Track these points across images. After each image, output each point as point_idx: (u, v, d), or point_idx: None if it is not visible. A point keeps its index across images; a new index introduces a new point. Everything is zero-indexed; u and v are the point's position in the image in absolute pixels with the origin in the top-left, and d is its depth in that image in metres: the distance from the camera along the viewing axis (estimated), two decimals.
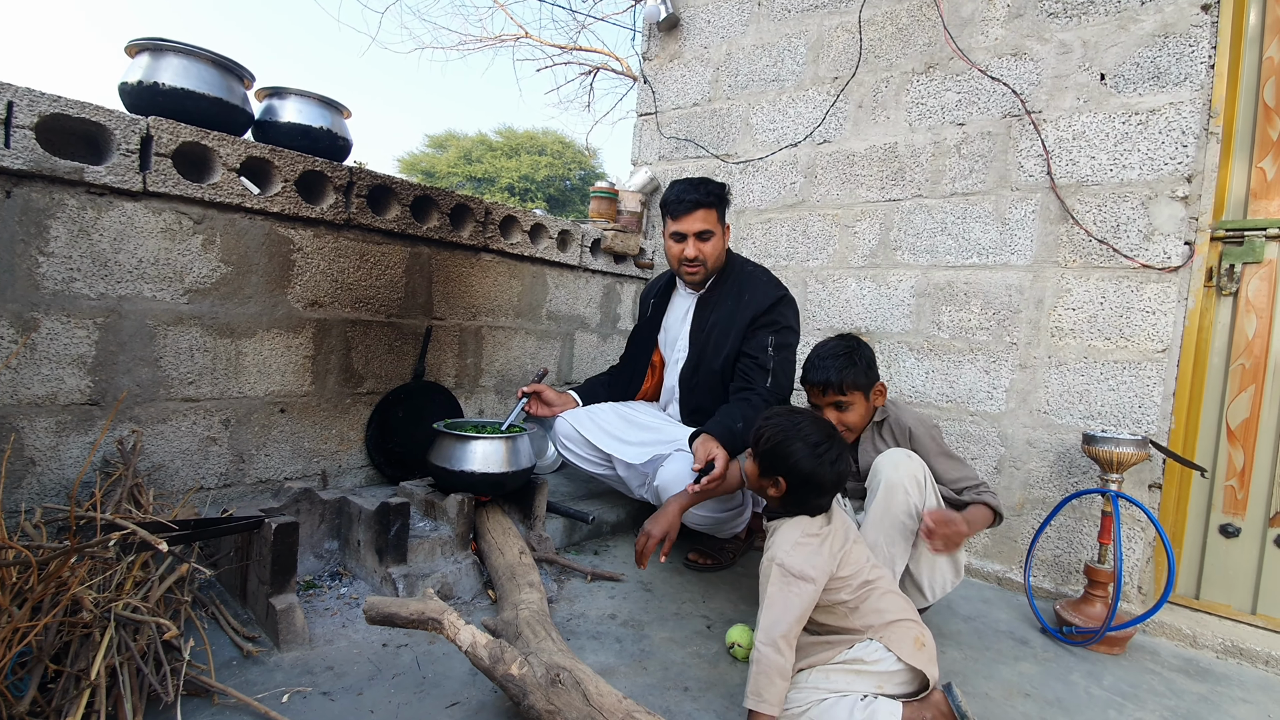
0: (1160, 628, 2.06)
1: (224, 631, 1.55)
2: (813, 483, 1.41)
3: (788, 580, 1.34)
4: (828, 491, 1.43)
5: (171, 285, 1.83)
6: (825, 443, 1.43)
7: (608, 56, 9.01)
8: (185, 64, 1.86)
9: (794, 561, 1.35)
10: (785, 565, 1.35)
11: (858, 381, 1.77)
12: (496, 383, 2.74)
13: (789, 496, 1.45)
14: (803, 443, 1.42)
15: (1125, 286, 2.18)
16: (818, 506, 1.44)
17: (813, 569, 1.35)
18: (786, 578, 1.34)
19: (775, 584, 1.34)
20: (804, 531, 1.41)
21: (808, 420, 1.48)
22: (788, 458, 1.42)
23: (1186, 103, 2.10)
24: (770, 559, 1.38)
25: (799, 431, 1.44)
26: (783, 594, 1.33)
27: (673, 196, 2.16)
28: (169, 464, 1.87)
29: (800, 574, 1.34)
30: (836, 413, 1.79)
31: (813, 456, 1.40)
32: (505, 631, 1.49)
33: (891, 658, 1.36)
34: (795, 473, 1.42)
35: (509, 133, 20.33)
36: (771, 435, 1.46)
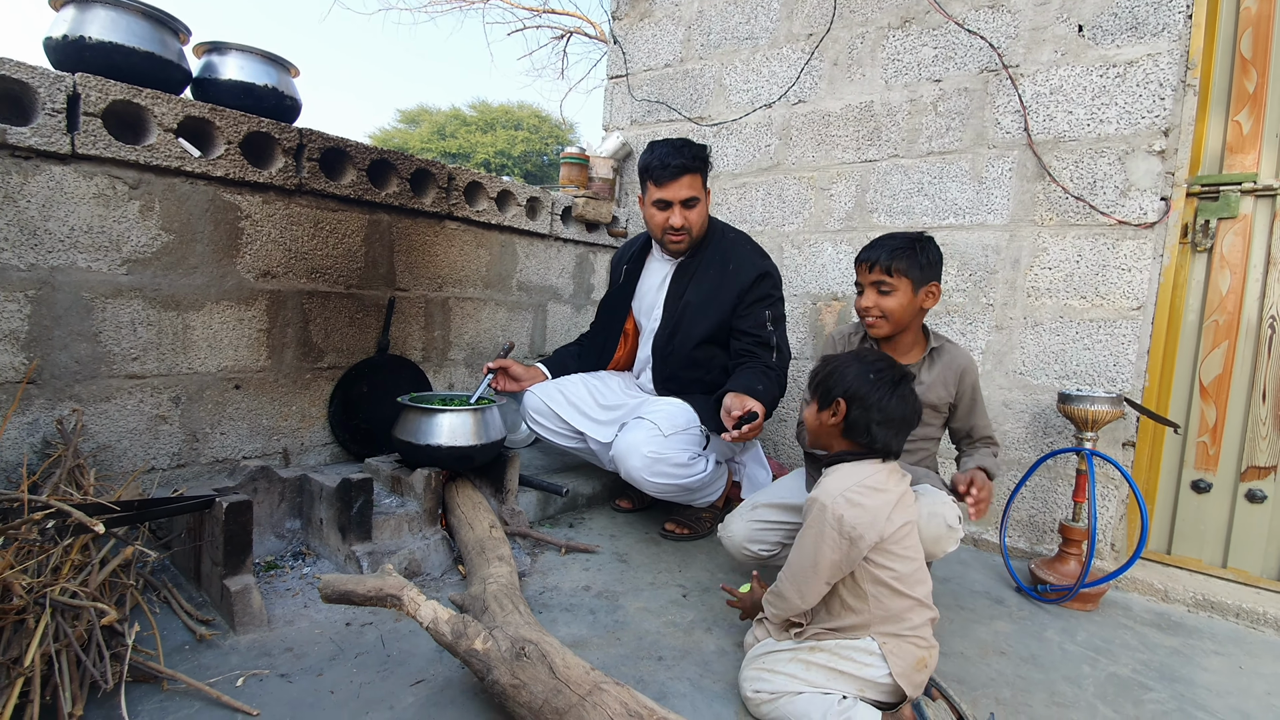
0: (1133, 583, 2.08)
1: (177, 615, 1.48)
2: (874, 403, 1.29)
3: (824, 526, 1.21)
4: (891, 422, 1.29)
5: (108, 255, 1.72)
6: (886, 369, 1.33)
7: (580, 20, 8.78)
8: (114, 16, 1.73)
9: (841, 507, 1.21)
10: (828, 507, 1.22)
11: (909, 269, 1.65)
12: (466, 355, 2.66)
13: (849, 424, 1.32)
14: (859, 364, 1.34)
15: (1101, 244, 2.15)
16: (883, 444, 1.30)
17: (860, 524, 1.21)
18: (825, 522, 1.22)
19: (813, 526, 1.24)
20: (863, 480, 1.27)
21: (870, 352, 1.43)
22: (842, 379, 1.33)
23: (1164, 54, 2.06)
24: (814, 497, 1.26)
25: (858, 358, 1.37)
26: (817, 541, 1.22)
27: (655, 161, 2.04)
28: (116, 444, 1.78)
29: (840, 524, 1.21)
30: (876, 295, 1.67)
31: (871, 374, 1.32)
32: (472, 606, 1.44)
33: (884, 669, 1.23)
34: (853, 392, 1.31)
35: (483, 106, 19.87)
36: (828, 362, 1.41)
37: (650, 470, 1.96)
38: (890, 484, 1.29)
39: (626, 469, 1.99)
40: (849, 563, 1.24)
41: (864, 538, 1.21)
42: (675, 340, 2.17)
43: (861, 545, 1.21)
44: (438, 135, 18.98)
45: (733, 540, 1.72)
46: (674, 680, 1.40)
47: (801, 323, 2.78)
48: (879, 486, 1.27)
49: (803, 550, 1.25)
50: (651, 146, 2.11)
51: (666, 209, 2.08)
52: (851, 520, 1.21)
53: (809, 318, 2.76)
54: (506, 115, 19.45)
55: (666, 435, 1.99)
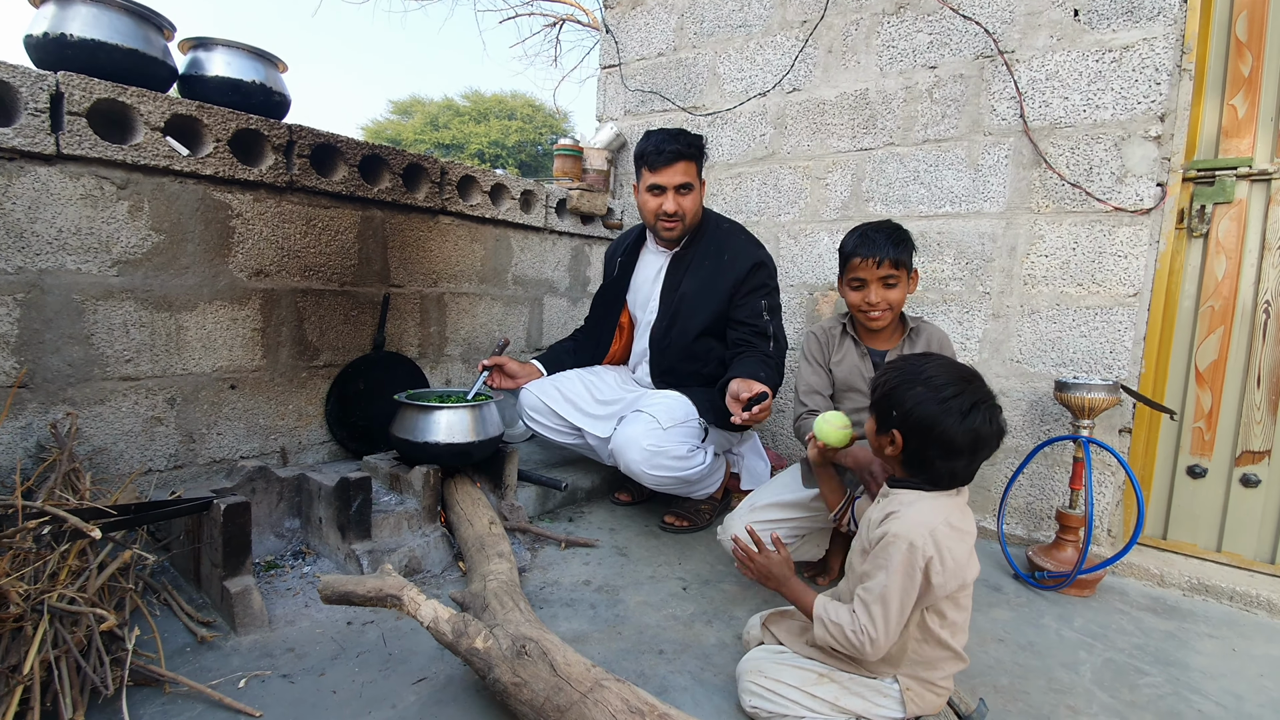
0: (1129, 568, 2.09)
1: (177, 618, 1.48)
2: (936, 438, 1.13)
3: (914, 568, 1.09)
4: (960, 453, 1.13)
5: (98, 256, 1.70)
6: (956, 388, 1.14)
7: (573, 7, 8.68)
8: (96, 13, 1.70)
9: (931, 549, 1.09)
10: (918, 548, 1.09)
11: (906, 261, 1.68)
12: (463, 351, 2.65)
13: (907, 456, 1.19)
14: (925, 386, 1.15)
15: (1098, 231, 2.14)
16: (948, 474, 1.16)
17: (948, 571, 1.09)
18: (914, 564, 1.09)
19: (902, 568, 1.10)
20: (948, 519, 1.13)
21: (937, 364, 1.20)
22: (903, 403, 1.16)
23: (1160, 38, 2.04)
24: (899, 534, 1.11)
25: (921, 374, 1.17)
26: (908, 580, 1.10)
27: (650, 147, 2.05)
28: (111, 447, 1.77)
29: (929, 568, 1.09)
30: (884, 290, 1.68)
31: (936, 402, 1.13)
32: (473, 604, 1.44)
33: (898, 712, 1.18)
34: (913, 422, 1.15)
35: (476, 96, 19.69)
36: (888, 379, 1.21)
37: (650, 463, 1.96)
38: (968, 523, 1.18)
39: (626, 462, 1.99)
40: (918, 606, 1.14)
41: (945, 586, 1.11)
42: (672, 332, 2.16)
43: (938, 594, 1.12)
44: (431, 126, 18.81)
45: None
46: (675, 674, 1.41)
47: (798, 313, 2.77)
48: (960, 527, 1.15)
49: (889, 601, 1.11)
50: (647, 134, 2.10)
51: (660, 194, 2.08)
52: (939, 566, 1.10)
53: (805, 308, 2.76)
54: (500, 105, 19.28)
55: (665, 428, 1.99)
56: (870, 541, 1.19)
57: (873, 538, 1.18)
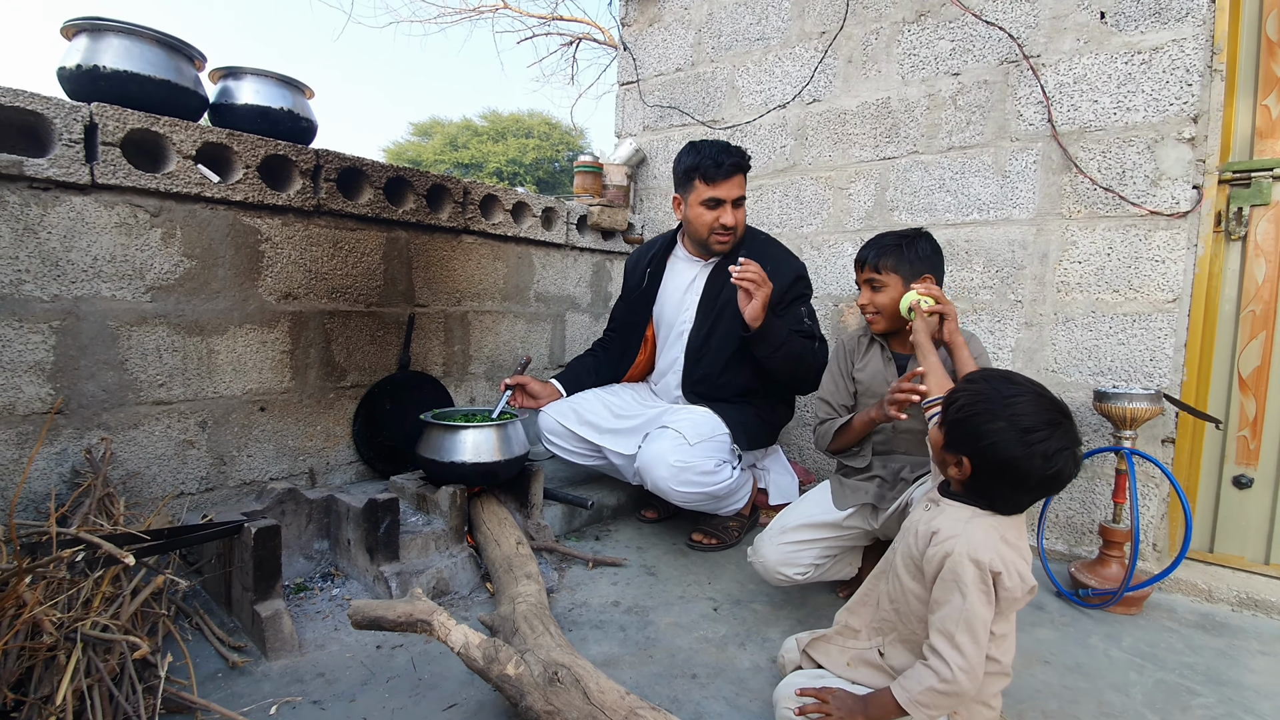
0: (1176, 583, 2.01)
1: (209, 642, 1.48)
2: (1011, 476, 1.07)
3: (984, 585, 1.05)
4: (1032, 491, 1.10)
5: (132, 283, 1.73)
6: (1043, 430, 1.06)
7: (589, 26, 8.77)
8: (128, 45, 1.74)
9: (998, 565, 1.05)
10: (985, 564, 1.05)
11: (898, 266, 1.69)
12: (487, 369, 2.65)
13: (973, 483, 1.13)
14: (1009, 422, 1.07)
15: (1133, 235, 2.09)
16: (1010, 505, 1.12)
17: (1014, 587, 1.06)
18: (987, 579, 1.05)
19: (975, 589, 1.05)
20: (1005, 535, 1.10)
21: (1028, 395, 1.11)
22: (981, 436, 1.09)
23: (1189, 39, 2.00)
24: (964, 554, 1.06)
25: (1008, 405, 1.09)
26: (984, 599, 1.05)
27: (708, 160, 2.04)
28: (145, 471, 1.79)
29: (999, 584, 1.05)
30: (870, 292, 1.73)
31: (1020, 443, 1.06)
32: (502, 627, 1.42)
33: None
34: (989, 458, 1.09)
35: (494, 116, 19.97)
36: (969, 402, 1.12)
37: (677, 479, 1.94)
38: (1023, 541, 1.14)
39: (653, 479, 1.97)
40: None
41: (1013, 592, 1.07)
42: (713, 340, 2.15)
43: (1005, 607, 1.08)
44: (450, 146, 19.11)
45: (765, 565, 1.69)
46: (709, 699, 1.38)
47: (823, 324, 2.73)
48: (1017, 544, 1.11)
49: (970, 624, 1.05)
50: (695, 146, 2.09)
51: (717, 207, 2.08)
52: (1007, 579, 1.06)
53: (831, 319, 2.72)
54: (517, 124, 19.54)
55: (692, 444, 1.97)
56: (922, 557, 1.14)
57: (927, 557, 1.14)
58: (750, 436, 2.12)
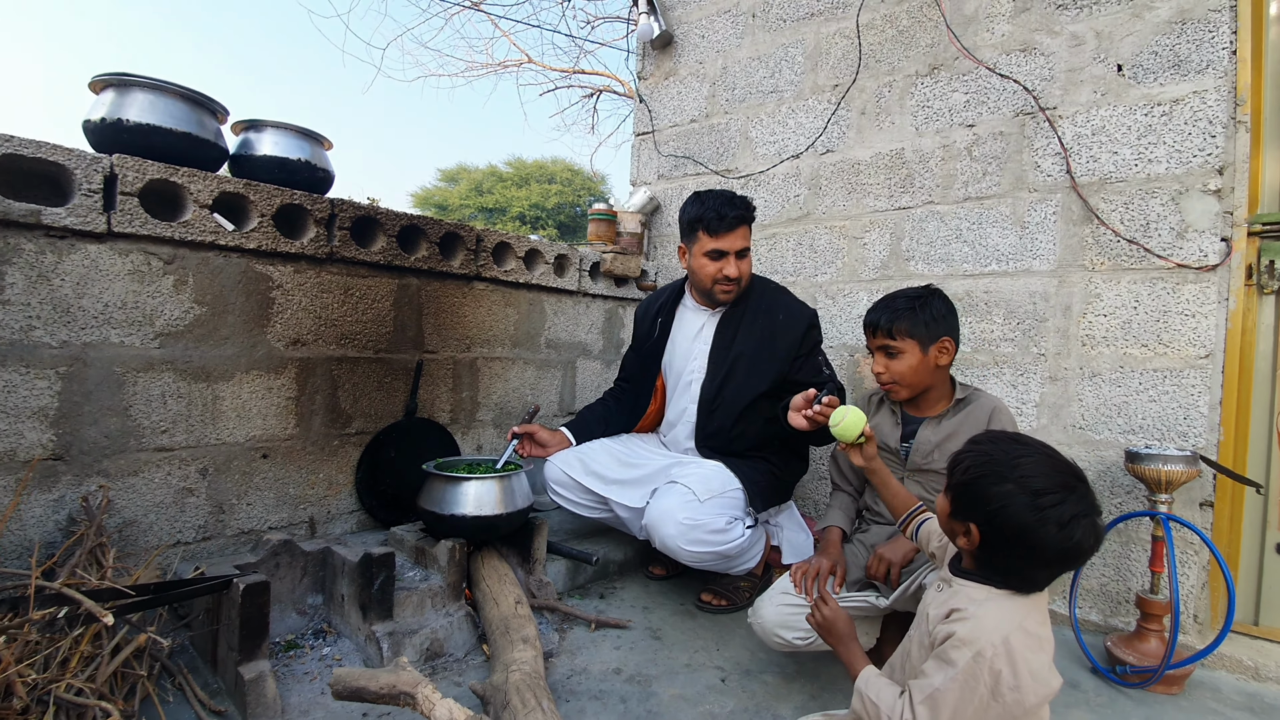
0: (1220, 659, 1.87)
1: (190, 705, 1.42)
2: (1023, 546, 0.99)
3: (978, 682, 0.95)
4: (1048, 565, 1.00)
5: (141, 329, 1.74)
6: (1056, 493, 0.98)
7: (609, 78, 9.04)
8: (152, 99, 1.79)
9: (1001, 661, 0.95)
10: (987, 658, 0.95)
11: (913, 330, 1.61)
12: (495, 416, 2.62)
13: (983, 555, 1.05)
14: (1017, 484, 0.99)
15: (1160, 288, 2.02)
16: (1026, 581, 1.03)
17: (1025, 688, 0.94)
18: (979, 677, 0.95)
19: (962, 676, 0.96)
20: (1023, 624, 0.99)
21: (1037, 455, 1.03)
22: (989, 501, 1.01)
23: (1211, 90, 1.96)
24: (966, 639, 0.98)
25: (1015, 467, 1.01)
26: (967, 693, 0.96)
27: (711, 212, 2.02)
28: (141, 519, 1.76)
29: (998, 684, 0.94)
30: (885, 359, 1.66)
31: (1031, 509, 0.97)
32: (493, 698, 1.34)
33: None
34: (997, 525, 1.00)
35: (519, 163, 20.54)
36: (974, 464, 1.05)
37: (686, 538, 1.86)
38: (1046, 629, 1.03)
39: (661, 538, 1.89)
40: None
41: (1022, 704, 0.95)
42: (725, 391, 2.09)
43: (1014, 714, 0.96)
44: (475, 192, 19.62)
45: (763, 627, 1.60)
46: None
47: (839, 375, 2.67)
48: (1038, 633, 1.00)
49: (937, 695, 0.98)
50: (700, 198, 2.08)
51: (720, 259, 2.05)
52: (1011, 682, 0.95)
53: (846, 370, 2.66)
54: (540, 170, 20.05)
55: (703, 500, 1.90)
56: (933, 638, 1.06)
57: (935, 635, 1.06)
58: (765, 497, 2.05)
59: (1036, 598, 1.06)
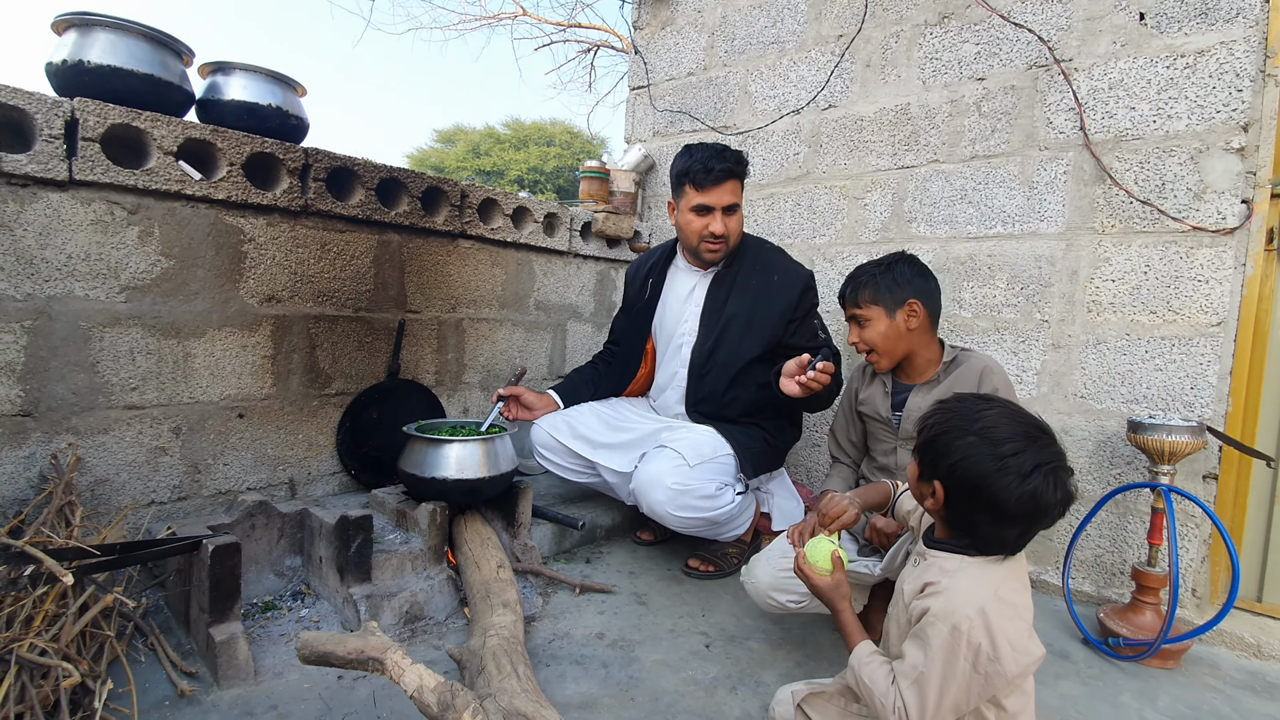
0: (1219, 636, 1.84)
1: (162, 666, 1.39)
2: (986, 500, 0.96)
3: (956, 656, 0.93)
4: (1013, 520, 0.96)
5: (106, 282, 1.67)
6: (1017, 441, 0.96)
7: (607, 33, 8.75)
8: (114, 39, 1.68)
9: (979, 634, 0.92)
10: (963, 633, 0.92)
11: (877, 296, 1.61)
12: (482, 378, 2.56)
13: (950, 514, 1.02)
14: (980, 436, 0.97)
15: (1173, 253, 1.93)
16: (995, 542, 0.99)
17: (1005, 659, 0.91)
18: (958, 651, 0.92)
19: (942, 654, 0.94)
20: (998, 591, 0.96)
21: (1001, 409, 1.01)
22: (951, 453, 0.99)
23: (1240, 41, 1.84)
24: (941, 613, 0.95)
25: (978, 419, 0.99)
26: (949, 670, 0.93)
27: (697, 164, 1.93)
28: (114, 478, 1.72)
29: (977, 657, 0.92)
30: (857, 328, 1.66)
31: (992, 458, 0.95)
32: (469, 663, 1.31)
33: None
34: (959, 477, 0.98)
35: (516, 124, 20.12)
36: (938, 421, 1.04)
37: (675, 503, 1.82)
38: (1023, 595, 1.00)
39: (649, 503, 1.85)
40: (974, 702, 0.96)
41: (1004, 675, 0.92)
42: (717, 355, 2.03)
43: (997, 685, 0.93)
44: (473, 154, 19.28)
45: (757, 587, 1.56)
46: None
47: (836, 340, 2.60)
48: (1013, 600, 0.97)
49: (928, 685, 0.95)
50: (689, 150, 1.99)
51: (707, 214, 1.97)
52: (990, 654, 0.92)
53: (843, 335, 2.58)
54: (539, 132, 19.65)
55: (692, 465, 1.85)
56: (910, 615, 1.02)
57: (911, 611, 1.02)
58: (757, 464, 2.00)
59: (1012, 564, 1.02)
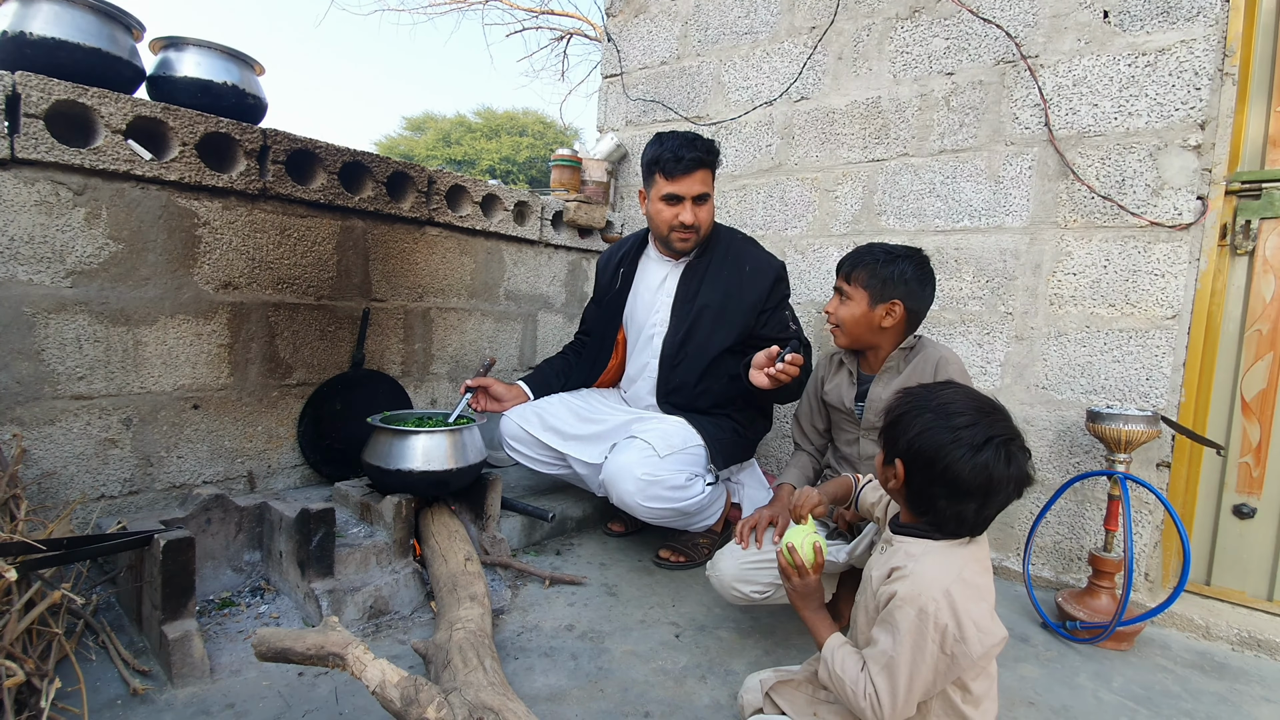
0: (1170, 618, 1.90)
1: (114, 665, 1.34)
2: (941, 472, 0.98)
3: (925, 638, 0.94)
4: (968, 495, 0.98)
5: (51, 266, 1.59)
6: (969, 414, 0.99)
7: (580, 21, 8.66)
8: (58, 10, 1.60)
9: (945, 615, 0.94)
10: (930, 615, 0.94)
11: (868, 282, 1.62)
12: (450, 369, 2.52)
13: (910, 493, 1.05)
14: (935, 413, 1.01)
15: (1131, 247, 1.98)
16: (954, 519, 1.01)
17: (971, 639, 0.94)
18: (925, 634, 0.94)
19: (910, 637, 0.95)
20: (962, 574, 0.98)
21: (959, 390, 1.06)
22: (909, 430, 1.02)
23: (1199, 40, 1.89)
24: (908, 596, 0.97)
25: (932, 400, 1.03)
26: (919, 653, 0.95)
27: (667, 153, 1.91)
28: (61, 471, 1.65)
29: (944, 638, 0.94)
30: (837, 300, 1.68)
31: (945, 430, 0.98)
32: (435, 657, 1.29)
33: None
34: (915, 451, 1.01)
35: (488, 113, 19.82)
36: (898, 404, 1.07)
37: (644, 494, 1.81)
38: (986, 579, 1.02)
39: (619, 494, 1.84)
40: (941, 684, 0.98)
41: (969, 656, 0.94)
42: (688, 346, 2.02)
43: (962, 665, 0.95)
44: (443, 142, 18.93)
45: (721, 579, 1.56)
46: None
47: (806, 332, 2.61)
48: (977, 582, 0.99)
49: (897, 670, 0.96)
50: (660, 138, 1.97)
51: (677, 204, 1.95)
52: (957, 635, 0.94)
53: (814, 326, 2.60)
54: (511, 121, 19.39)
55: (662, 456, 1.84)
56: (877, 601, 1.03)
57: (879, 597, 1.03)
58: (727, 454, 2.00)
59: (975, 547, 1.04)
